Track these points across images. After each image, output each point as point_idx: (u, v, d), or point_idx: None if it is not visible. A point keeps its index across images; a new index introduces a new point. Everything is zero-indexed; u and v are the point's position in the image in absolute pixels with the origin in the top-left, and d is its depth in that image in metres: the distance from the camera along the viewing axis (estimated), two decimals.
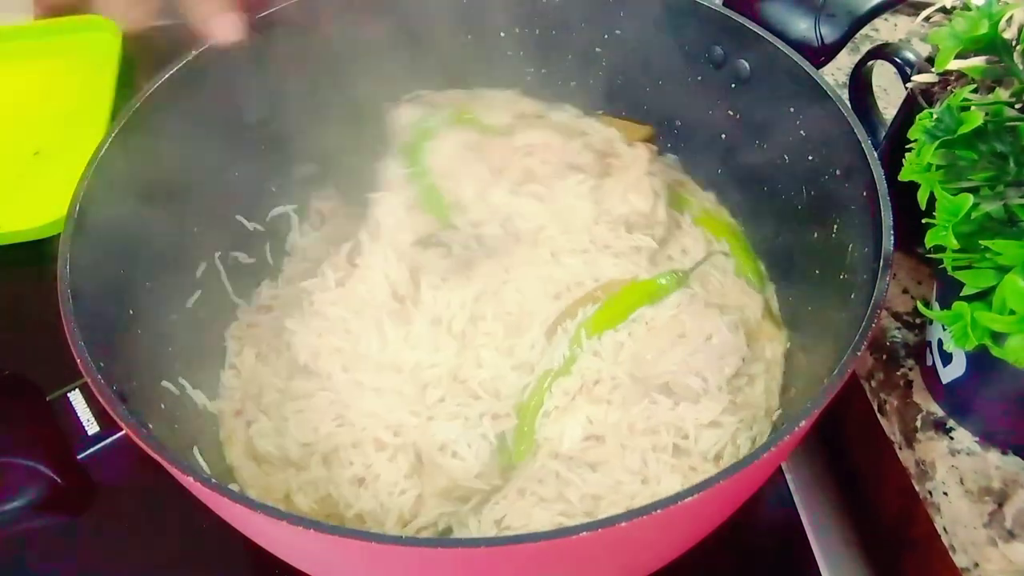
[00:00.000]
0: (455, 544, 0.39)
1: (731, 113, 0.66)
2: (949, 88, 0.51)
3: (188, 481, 0.39)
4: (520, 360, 0.57)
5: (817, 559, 0.58)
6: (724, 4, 0.62)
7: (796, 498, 0.61)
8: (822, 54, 0.60)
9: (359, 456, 0.54)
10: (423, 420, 0.55)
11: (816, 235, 0.58)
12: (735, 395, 0.56)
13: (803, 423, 0.40)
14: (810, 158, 0.59)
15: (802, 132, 0.59)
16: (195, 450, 0.53)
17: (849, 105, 0.55)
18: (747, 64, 0.62)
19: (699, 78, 0.66)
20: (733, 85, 0.64)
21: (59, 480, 0.44)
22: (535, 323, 0.58)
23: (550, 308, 0.58)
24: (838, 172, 0.55)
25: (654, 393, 0.55)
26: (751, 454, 0.39)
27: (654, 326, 0.57)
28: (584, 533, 0.35)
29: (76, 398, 0.46)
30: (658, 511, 0.36)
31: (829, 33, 0.60)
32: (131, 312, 0.52)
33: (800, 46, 0.59)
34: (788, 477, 0.62)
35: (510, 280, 0.60)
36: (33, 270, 0.55)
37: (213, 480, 0.39)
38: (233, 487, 0.52)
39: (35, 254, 0.73)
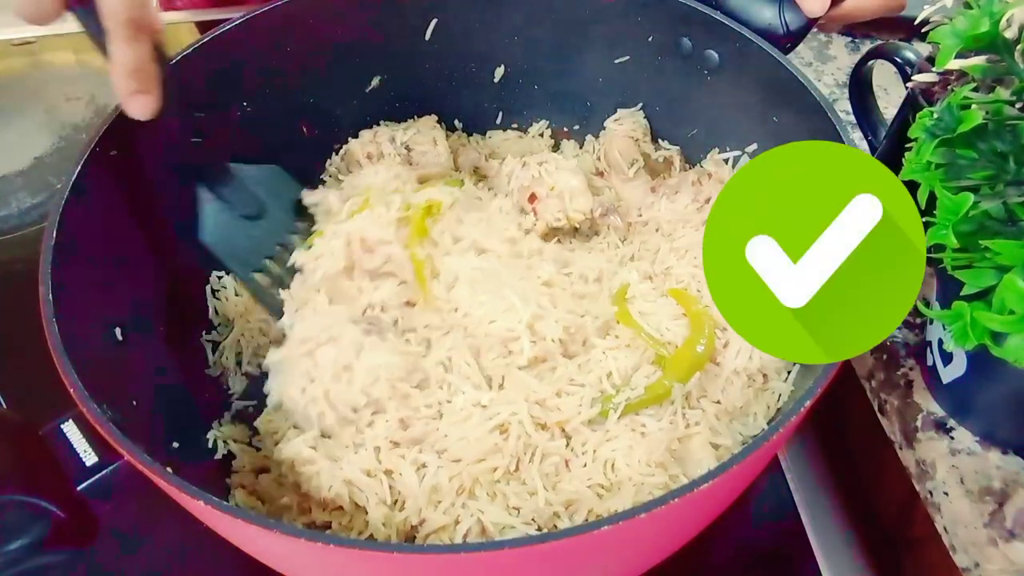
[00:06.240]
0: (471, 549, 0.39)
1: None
2: (949, 87, 0.51)
3: (198, 506, 0.38)
4: None
5: (817, 559, 0.58)
6: None
7: (796, 498, 0.61)
8: (788, 40, 0.61)
9: None
10: None
11: None
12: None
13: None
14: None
15: (775, 119, 0.62)
16: None
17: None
18: (716, 54, 0.65)
19: (672, 69, 0.69)
20: (706, 74, 0.66)
21: (61, 514, 0.42)
22: None
23: None
24: None
25: None
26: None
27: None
28: (562, 539, 0.36)
29: (70, 429, 0.45)
30: (642, 515, 0.37)
31: (793, 19, 0.61)
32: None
33: (766, 34, 0.61)
34: (788, 477, 0.62)
35: None
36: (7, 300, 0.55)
37: (226, 504, 0.38)
38: None
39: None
